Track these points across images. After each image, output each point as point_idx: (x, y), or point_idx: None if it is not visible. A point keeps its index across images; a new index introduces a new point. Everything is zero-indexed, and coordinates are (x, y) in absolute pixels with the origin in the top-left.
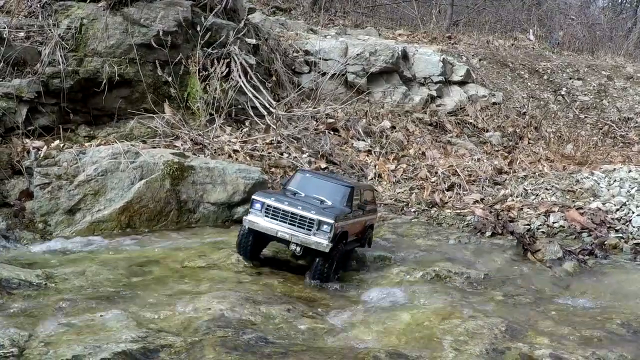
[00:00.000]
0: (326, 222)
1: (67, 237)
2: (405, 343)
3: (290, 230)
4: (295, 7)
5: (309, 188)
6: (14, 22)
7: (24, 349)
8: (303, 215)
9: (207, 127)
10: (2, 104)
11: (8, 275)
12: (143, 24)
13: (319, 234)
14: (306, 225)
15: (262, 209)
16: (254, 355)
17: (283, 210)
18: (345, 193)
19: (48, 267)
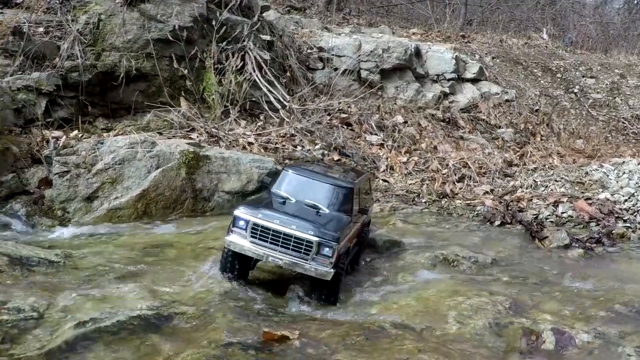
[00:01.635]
0: (327, 245)
1: (85, 223)
2: (411, 317)
3: (283, 255)
4: (309, 7)
5: (300, 191)
6: (34, 17)
7: (43, 314)
8: (299, 237)
9: (222, 120)
10: (22, 96)
11: (28, 254)
12: (159, 20)
13: (319, 260)
14: (303, 248)
15: (247, 228)
16: (263, 321)
17: (274, 230)
18: (344, 196)
19: (66, 248)
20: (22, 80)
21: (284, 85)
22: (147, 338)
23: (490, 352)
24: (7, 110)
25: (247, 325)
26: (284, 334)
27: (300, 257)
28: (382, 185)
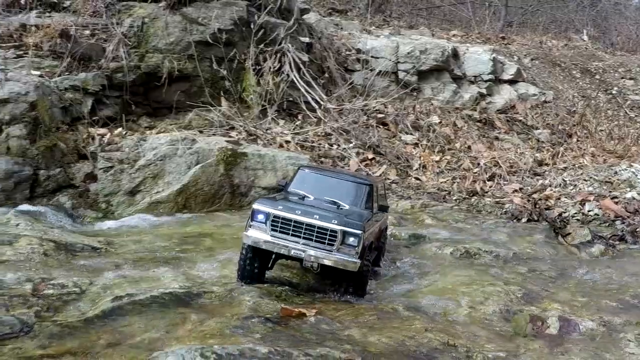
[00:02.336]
0: (353, 234)
1: (127, 215)
2: (425, 302)
3: (306, 247)
4: (351, 9)
5: (318, 189)
6: (80, 20)
7: (84, 291)
8: (322, 227)
9: (260, 119)
10: (70, 96)
11: (73, 240)
12: (201, 23)
13: (345, 249)
14: (327, 239)
15: (266, 222)
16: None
17: (295, 222)
18: (364, 193)
19: (109, 237)
20: (69, 80)
21: (321, 86)
22: (176, 310)
23: (495, 335)
24: (55, 109)
25: (269, 303)
26: (301, 311)
27: (324, 248)
28: (414, 183)
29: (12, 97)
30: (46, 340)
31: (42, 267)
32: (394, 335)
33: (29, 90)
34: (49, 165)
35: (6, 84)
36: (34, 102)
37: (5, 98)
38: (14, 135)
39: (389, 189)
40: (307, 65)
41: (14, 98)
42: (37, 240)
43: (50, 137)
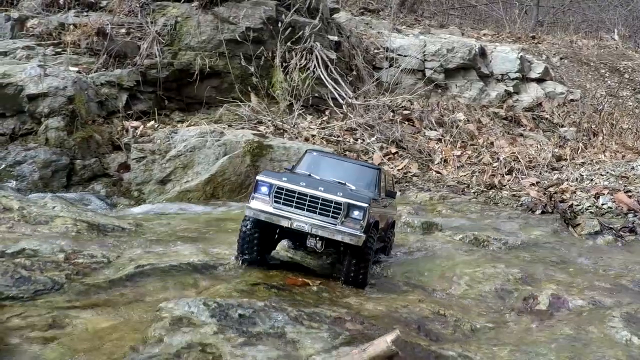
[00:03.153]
0: (358, 207)
1: (158, 203)
2: (425, 279)
3: (309, 219)
4: (383, 8)
5: (325, 171)
6: (116, 19)
7: (111, 261)
8: (327, 199)
9: (288, 114)
10: (105, 91)
11: (104, 222)
12: (232, 22)
13: (349, 223)
14: (331, 211)
15: (270, 193)
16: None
17: (299, 193)
18: (371, 177)
19: (139, 220)
20: (105, 76)
21: (349, 83)
22: (191, 277)
23: (487, 309)
24: (92, 103)
25: (277, 274)
26: (305, 281)
27: (328, 221)
28: (434, 177)
29: (51, 92)
30: (74, 296)
31: (75, 242)
32: (389, 305)
33: (67, 85)
34: (84, 155)
35: (45, 79)
36: (71, 96)
37: (45, 92)
38: (53, 127)
39: (410, 181)
40: (334, 63)
41: (52, 92)
42: (71, 221)
43: (86, 129)
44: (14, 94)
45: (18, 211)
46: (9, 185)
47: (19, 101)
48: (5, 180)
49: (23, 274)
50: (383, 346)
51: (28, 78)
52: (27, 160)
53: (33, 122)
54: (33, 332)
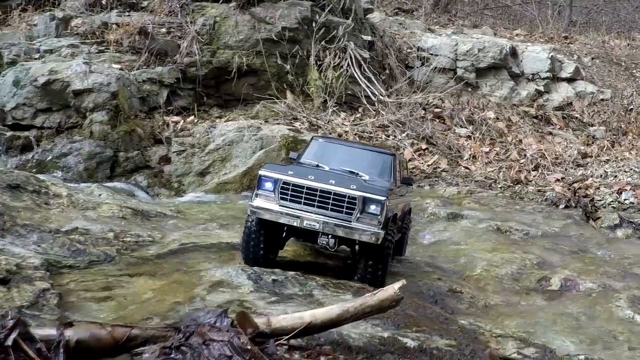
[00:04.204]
0: (374, 200)
1: (197, 194)
2: (446, 262)
3: (320, 217)
4: (417, 9)
5: (334, 159)
6: (157, 19)
7: (156, 241)
8: (339, 193)
9: (322, 111)
10: (147, 87)
11: (147, 208)
12: (268, 22)
13: (365, 219)
14: (345, 207)
15: (275, 189)
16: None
17: (308, 188)
18: (385, 164)
19: (179, 208)
20: (147, 73)
21: (382, 81)
22: (228, 252)
23: (501, 289)
24: (134, 99)
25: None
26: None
27: (342, 217)
28: (463, 172)
29: (96, 87)
30: (124, 266)
31: (122, 224)
32: (410, 279)
33: (110, 81)
34: (127, 148)
35: (90, 75)
36: (115, 92)
37: (90, 88)
38: (97, 121)
39: (439, 176)
40: (368, 62)
41: (97, 88)
42: (117, 207)
43: (129, 123)
44: (60, 89)
45: (67, 197)
46: (55, 175)
47: (65, 96)
48: (52, 171)
49: (79, 247)
50: (391, 291)
51: (74, 74)
52: (72, 152)
53: (78, 116)
54: (89, 293)
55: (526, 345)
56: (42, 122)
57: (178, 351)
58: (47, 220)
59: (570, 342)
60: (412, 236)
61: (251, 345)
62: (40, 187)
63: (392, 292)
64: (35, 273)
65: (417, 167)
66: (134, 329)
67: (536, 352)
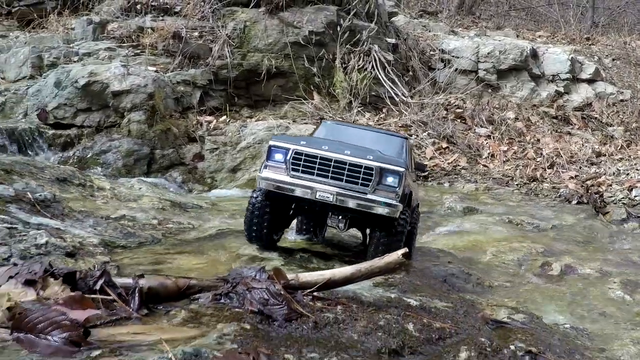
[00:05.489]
0: (393, 171)
1: (229, 189)
2: (457, 248)
3: (334, 188)
4: (441, 11)
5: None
6: (190, 24)
7: (196, 227)
8: (355, 163)
9: (347, 111)
10: (181, 88)
11: (184, 201)
12: (296, 26)
13: (382, 191)
14: (360, 178)
15: (286, 160)
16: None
17: (322, 158)
18: (399, 145)
19: (213, 201)
20: (180, 75)
21: (405, 82)
22: None
23: (506, 273)
24: (169, 99)
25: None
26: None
27: (357, 189)
28: (481, 170)
29: (133, 89)
30: (169, 246)
31: (163, 214)
32: (422, 262)
33: (147, 83)
34: (163, 145)
35: (128, 77)
36: (151, 93)
37: (128, 89)
38: (135, 120)
39: (458, 173)
40: (392, 64)
41: (134, 89)
42: (156, 199)
43: (164, 123)
44: (99, 90)
45: (110, 190)
46: (95, 171)
47: (104, 97)
48: (92, 167)
49: (129, 230)
50: (395, 256)
51: (112, 76)
52: (111, 149)
53: (117, 116)
54: (141, 267)
55: (516, 313)
56: (82, 121)
57: (227, 297)
58: (97, 209)
59: (561, 316)
60: (427, 227)
61: (284, 292)
62: (85, 181)
63: (396, 256)
64: (96, 249)
65: (438, 165)
66: (192, 280)
67: (524, 317)
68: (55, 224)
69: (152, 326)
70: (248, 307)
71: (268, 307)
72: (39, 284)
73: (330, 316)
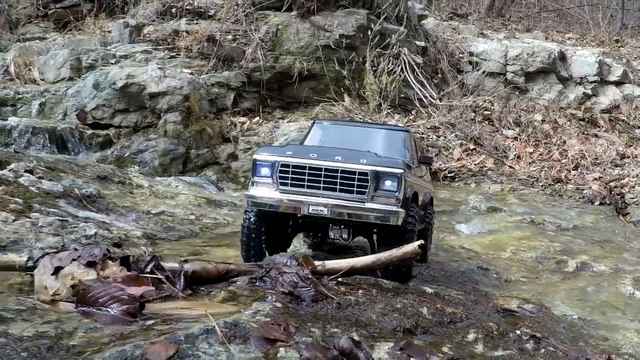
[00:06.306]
0: (389, 174)
1: None
2: (478, 246)
3: (328, 200)
4: (471, 13)
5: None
6: (224, 27)
7: (230, 222)
8: (348, 170)
9: (377, 113)
10: (215, 90)
11: (219, 198)
12: (327, 29)
13: (380, 197)
14: (355, 185)
15: (273, 174)
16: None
17: (311, 168)
18: (400, 141)
19: None
20: (215, 77)
21: (434, 85)
22: None
23: (524, 269)
24: (204, 101)
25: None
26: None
27: (353, 198)
28: (507, 171)
29: (170, 90)
30: (207, 240)
31: (199, 210)
32: (443, 258)
33: (183, 85)
34: (198, 145)
35: (165, 79)
36: (187, 95)
37: (164, 91)
38: (171, 121)
39: (485, 174)
40: (421, 67)
41: (170, 91)
42: (192, 197)
43: (199, 124)
44: (137, 92)
45: (148, 188)
46: (133, 170)
47: (142, 98)
48: (130, 165)
49: (169, 224)
50: (411, 247)
51: (149, 79)
52: (148, 149)
53: (153, 117)
54: (181, 257)
55: (526, 303)
56: (120, 122)
57: (261, 280)
58: (137, 205)
59: (570, 308)
60: (451, 225)
61: (311, 276)
62: (125, 179)
63: (413, 247)
64: (139, 241)
65: (465, 165)
66: (231, 265)
67: (533, 308)
68: (101, 218)
69: (196, 302)
70: (280, 289)
71: (297, 289)
72: (99, 265)
73: (352, 298)
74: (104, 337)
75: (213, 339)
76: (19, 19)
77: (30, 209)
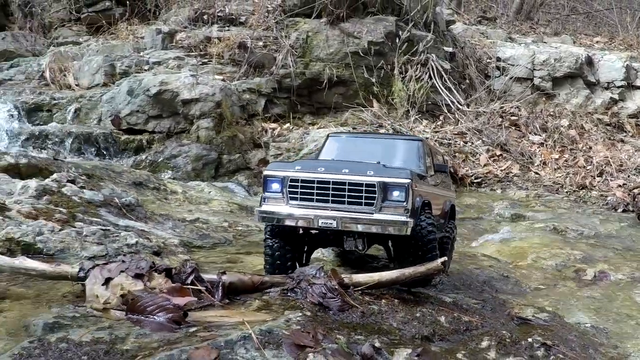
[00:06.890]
0: (396, 185)
1: None
2: (500, 253)
3: (337, 212)
4: (500, 16)
5: (354, 154)
6: (255, 34)
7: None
8: (355, 182)
9: (405, 119)
10: (247, 96)
11: (251, 204)
12: (356, 36)
13: (389, 208)
14: (363, 197)
15: (282, 189)
16: None
17: (319, 182)
18: (412, 150)
19: None
20: (246, 83)
21: (462, 90)
22: None
23: (543, 277)
24: (235, 107)
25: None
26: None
27: (362, 210)
28: (533, 177)
29: (202, 97)
30: (240, 247)
31: (232, 217)
32: (464, 265)
33: (215, 91)
34: (230, 151)
35: (197, 86)
36: (219, 101)
37: (197, 97)
38: (203, 127)
39: (510, 180)
40: (449, 73)
41: (203, 98)
42: (225, 203)
43: (231, 129)
44: (170, 98)
45: (182, 194)
46: (166, 175)
47: (175, 105)
48: (163, 170)
49: (204, 232)
50: (435, 264)
51: (182, 85)
52: (181, 154)
53: (186, 123)
54: (216, 265)
55: (541, 312)
56: (154, 127)
57: (292, 291)
58: (173, 212)
59: (584, 316)
60: (476, 233)
61: (339, 287)
62: (159, 185)
63: (437, 264)
64: (177, 249)
65: (491, 171)
66: (265, 277)
67: (547, 316)
68: (140, 226)
69: (234, 311)
70: (309, 299)
71: (325, 300)
72: (145, 277)
73: (375, 308)
74: (153, 342)
75: (249, 344)
76: (52, 23)
77: (74, 219)
